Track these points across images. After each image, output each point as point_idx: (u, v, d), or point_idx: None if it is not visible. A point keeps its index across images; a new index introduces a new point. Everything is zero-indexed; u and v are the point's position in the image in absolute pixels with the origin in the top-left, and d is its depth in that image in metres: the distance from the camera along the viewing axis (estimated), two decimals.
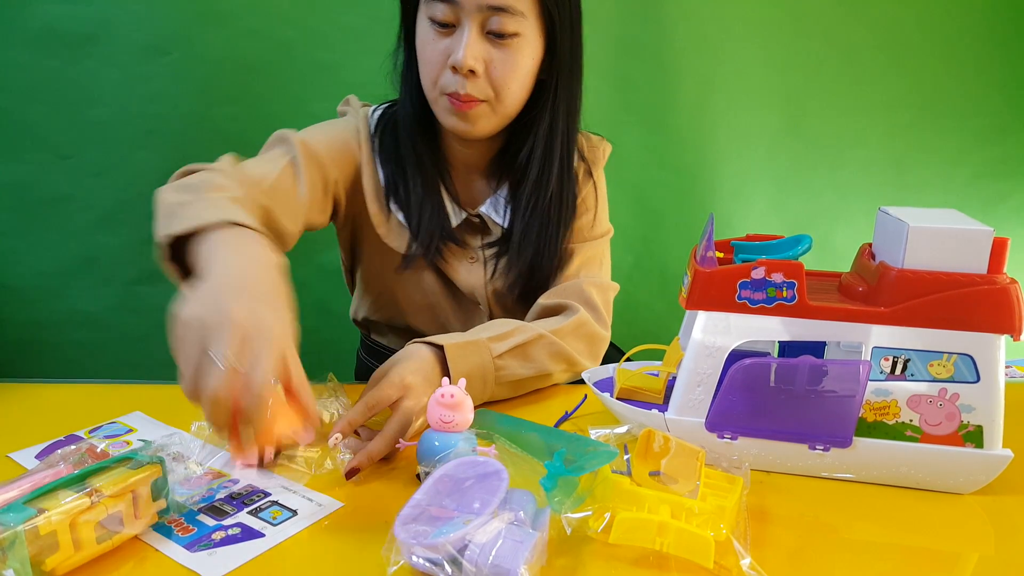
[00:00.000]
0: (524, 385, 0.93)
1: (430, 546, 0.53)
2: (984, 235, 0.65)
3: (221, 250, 0.66)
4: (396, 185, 1.02)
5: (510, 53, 0.91)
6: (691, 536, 0.57)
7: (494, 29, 0.89)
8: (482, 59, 0.90)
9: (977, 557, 0.63)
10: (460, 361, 0.85)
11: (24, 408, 0.87)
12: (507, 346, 0.90)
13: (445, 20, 0.89)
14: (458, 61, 0.88)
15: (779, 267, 0.68)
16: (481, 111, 0.93)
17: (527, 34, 0.91)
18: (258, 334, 0.59)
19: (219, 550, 0.59)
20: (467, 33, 0.88)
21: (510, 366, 0.90)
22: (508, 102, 0.94)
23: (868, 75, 1.67)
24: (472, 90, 0.90)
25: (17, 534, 0.51)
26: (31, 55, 1.38)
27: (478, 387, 0.86)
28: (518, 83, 0.93)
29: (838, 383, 0.70)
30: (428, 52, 0.92)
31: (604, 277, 1.10)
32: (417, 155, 1.01)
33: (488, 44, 0.90)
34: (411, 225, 1.02)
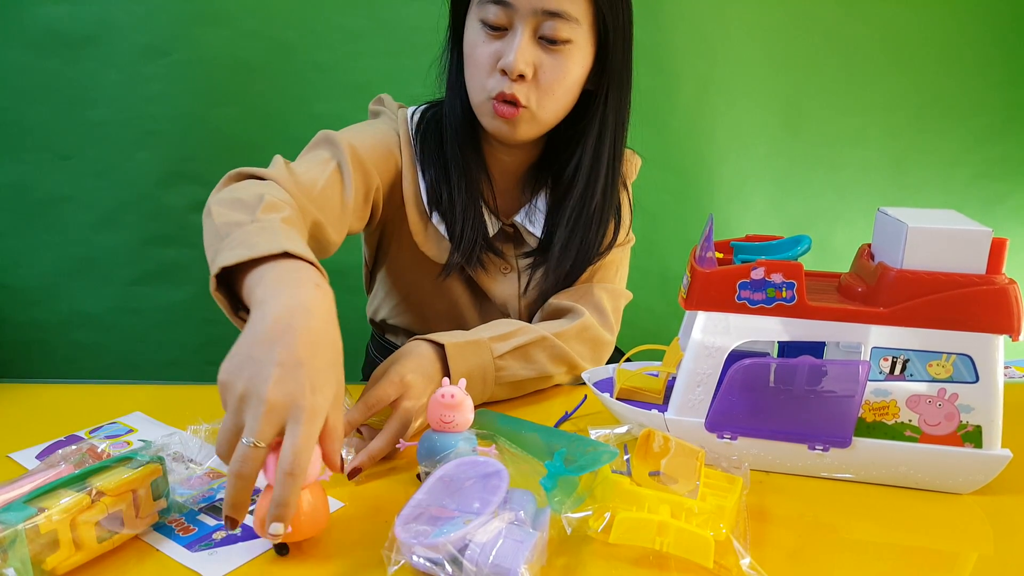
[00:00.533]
0: (524, 386, 0.93)
1: (431, 546, 0.53)
2: (983, 235, 0.65)
3: (270, 290, 0.62)
4: (439, 191, 0.99)
5: (561, 60, 0.89)
6: (691, 536, 0.57)
7: (547, 35, 0.88)
8: (532, 63, 0.88)
9: (976, 557, 0.63)
10: (460, 360, 0.85)
11: (24, 408, 0.87)
12: (508, 347, 0.90)
13: (497, 23, 0.88)
14: (508, 64, 0.87)
15: (778, 268, 0.68)
16: (523, 117, 0.92)
17: (579, 41, 0.90)
18: (293, 413, 0.56)
19: (220, 550, 0.60)
20: (520, 36, 0.87)
21: (511, 367, 0.90)
22: (551, 108, 0.93)
23: (867, 76, 1.68)
24: (518, 92, 0.89)
25: (18, 533, 0.51)
26: (31, 56, 1.38)
27: (478, 387, 0.86)
28: (564, 90, 0.92)
29: (837, 383, 0.70)
30: (478, 54, 0.91)
31: (619, 284, 1.10)
32: (464, 160, 0.99)
33: (539, 49, 0.89)
34: (453, 233, 1.00)
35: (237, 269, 0.66)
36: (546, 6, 0.86)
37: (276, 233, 0.68)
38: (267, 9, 1.45)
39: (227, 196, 0.77)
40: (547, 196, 1.04)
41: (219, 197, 0.77)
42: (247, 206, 0.74)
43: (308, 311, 0.60)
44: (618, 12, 0.92)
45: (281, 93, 1.49)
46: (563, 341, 0.95)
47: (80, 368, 1.53)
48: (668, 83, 1.64)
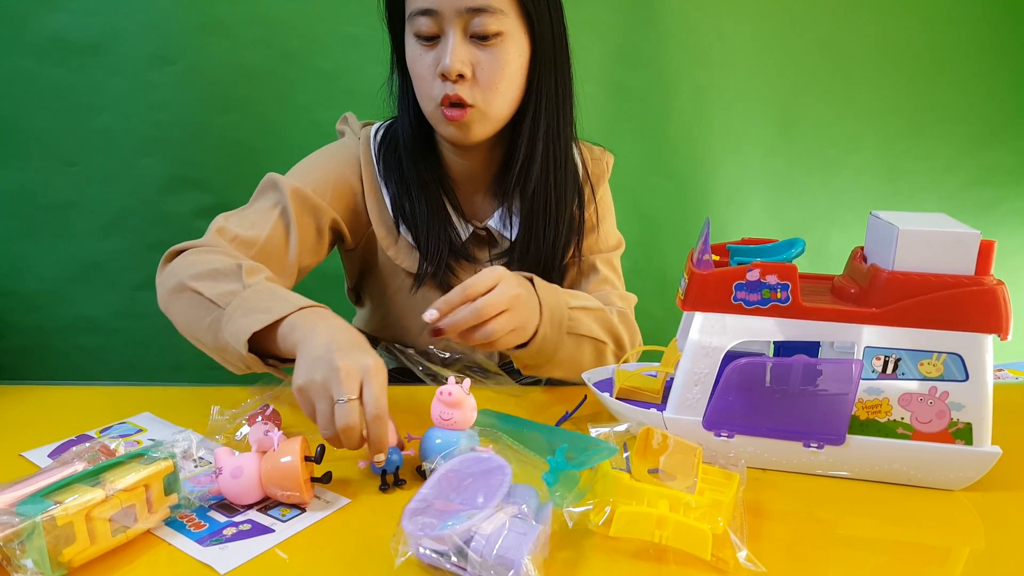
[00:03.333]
0: (582, 349, 0.96)
1: (437, 537, 0.55)
2: (971, 238, 0.67)
3: (307, 329, 0.76)
4: (402, 204, 1.02)
5: (496, 53, 0.91)
6: (689, 529, 0.58)
7: (477, 31, 0.90)
8: (469, 62, 0.91)
9: (967, 551, 0.65)
10: (548, 295, 0.90)
11: (35, 409, 0.88)
12: (578, 303, 0.95)
13: (429, 33, 0.91)
14: (446, 67, 0.89)
15: (773, 269, 0.70)
16: (473, 117, 0.94)
17: (510, 32, 0.92)
18: (364, 372, 0.70)
19: (230, 545, 0.61)
20: (451, 39, 0.90)
21: (581, 319, 0.94)
22: (498, 103, 0.94)
23: (861, 83, 1.70)
24: (462, 92, 0.91)
25: (36, 525, 0.53)
26: (38, 64, 1.40)
27: (557, 329, 0.91)
28: (507, 82, 0.94)
29: (831, 382, 0.72)
30: (418, 67, 0.93)
31: (622, 288, 1.13)
32: (419, 173, 1.02)
33: (473, 47, 0.91)
34: (419, 243, 1.02)
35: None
36: (469, 3, 0.88)
37: (277, 294, 0.82)
38: (271, 18, 1.46)
39: (200, 270, 0.85)
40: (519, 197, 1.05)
41: (189, 274, 0.85)
42: (230, 275, 0.84)
43: (344, 329, 0.76)
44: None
45: (284, 100, 1.50)
46: (614, 321, 1.00)
47: (85, 373, 1.54)
48: (664, 90, 1.65)
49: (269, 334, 0.79)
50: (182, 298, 0.85)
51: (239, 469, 0.66)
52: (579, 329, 0.94)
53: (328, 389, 0.69)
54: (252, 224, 0.94)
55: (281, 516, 0.65)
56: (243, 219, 0.96)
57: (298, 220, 0.96)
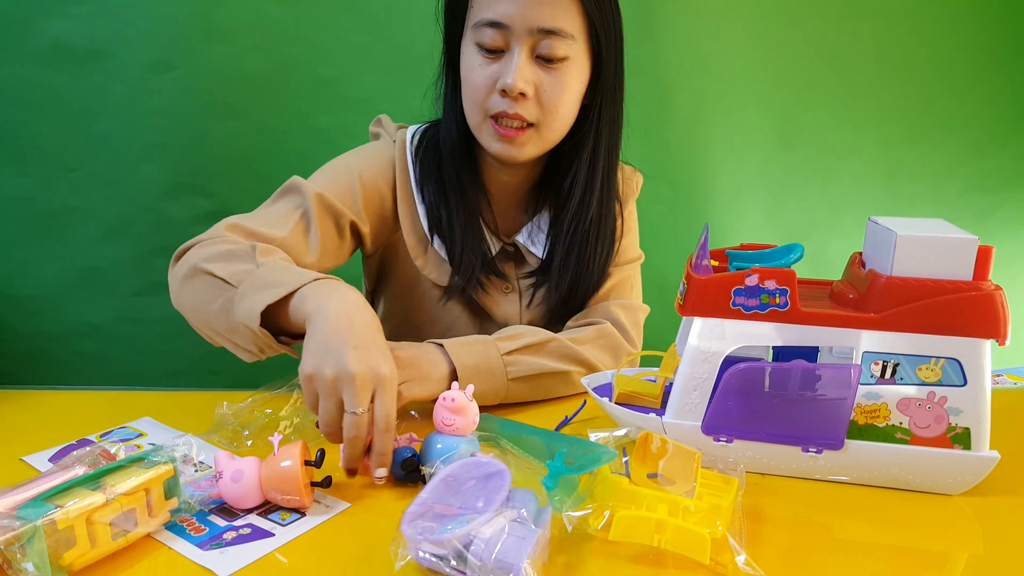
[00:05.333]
0: (542, 384, 0.93)
1: (436, 541, 0.55)
2: (969, 243, 0.68)
3: (320, 300, 0.74)
4: (439, 214, 1.00)
5: (560, 77, 0.90)
6: (688, 533, 0.58)
7: (544, 53, 0.89)
8: (532, 83, 0.89)
9: (966, 556, 0.65)
10: (463, 354, 0.88)
11: (36, 414, 0.88)
12: (516, 345, 0.92)
13: (494, 46, 0.89)
14: (508, 85, 0.88)
15: (772, 274, 0.70)
16: (528, 136, 0.93)
17: (576, 57, 0.91)
18: (378, 383, 0.69)
19: (230, 549, 0.61)
20: (517, 57, 0.88)
21: (521, 362, 0.91)
22: (556, 126, 0.94)
23: (860, 89, 1.70)
24: (522, 111, 0.90)
25: (36, 528, 0.53)
26: (39, 70, 1.40)
27: (487, 382, 0.88)
28: (567, 107, 0.93)
29: (830, 387, 0.72)
30: (476, 77, 0.91)
31: (634, 299, 1.12)
32: (460, 183, 1.00)
33: (537, 68, 0.90)
34: (453, 255, 1.01)
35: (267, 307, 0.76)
36: (542, 24, 0.87)
37: (291, 269, 0.80)
38: (271, 25, 1.47)
39: (213, 253, 0.83)
40: (549, 214, 1.05)
41: (201, 257, 0.83)
42: (244, 256, 0.83)
43: (359, 306, 0.74)
44: (610, 26, 0.93)
45: (285, 107, 1.51)
46: (579, 344, 0.96)
47: (85, 378, 1.54)
48: (664, 97, 1.66)
49: (281, 311, 0.77)
50: (195, 282, 0.83)
51: (239, 473, 0.66)
52: (524, 372, 0.91)
53: (338, 391, 0.69)
54: (272, 223, 0.92)
55: (281, 520, 0.66)
56: (262, 218, 0.93)
57: (320, 224, 0.94)
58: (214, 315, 0.81)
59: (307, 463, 0.66)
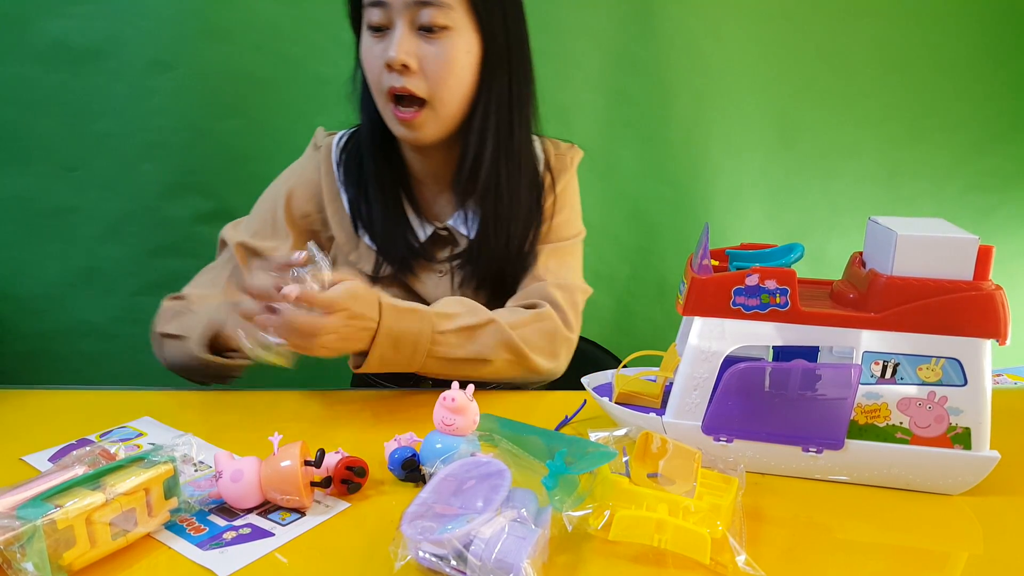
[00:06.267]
0: (459, 366, 0.92)
1: (436, 541, 0.55)
2: (970, 243, 0.68)
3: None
4: (359, 208, 1.03)
5: (443, 47, 0.92)
6: (688, 533, 0.58)
7: (424, 23, 0.90)
8: (415, 54, 0.91)
9: (966, 556, 0.65)
10: (394, 321, 0.87)
11: (35, 413, 0.88)
12: (453, 325, 0.91)
13: (380, 24, 0.92)
14: (390, 57, 0.90)
15: (772, 274, 0.70)
16: (424, 117, 0.94)
17: (458, 27, 0.92)
18: None
19: (230, 549, 0.61)
20: (398, 30, 0.90)
21: (449, 343, 0.91)
22: (448, 100, 0.95)
23: (860, 89, 1.70)
24: (410, 85, 0.91)
25: (36, 528, 0.53)
26: (38, 68, 1.40)
27: (407, 353, 0.88)
28: (455, 78, 0.94)
29: (830, 387, 0.72)
30: (368, 58, 0.94)
31: (572, 278, 1.08)
32: (378, 173, 1.02)
33: (420, 40, 0.92)
34: (378, 245, 1.03)
35: None
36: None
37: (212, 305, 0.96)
38: (270, 24, 1.47)
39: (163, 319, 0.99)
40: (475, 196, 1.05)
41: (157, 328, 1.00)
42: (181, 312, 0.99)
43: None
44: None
45: (285, 106, 1.51)
46: (515, 328, 0.95)
47: (84, 377, 1.54)
48: (665, 97, 1.66)
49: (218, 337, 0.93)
50: (165, 347, 0.98)
51: (239, 473, 0.66)
52: (449, 353, 0.91)
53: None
54: (208, 282, 1.04)
55: (281, 520, 0.66)
56: (201, 279, 1.05)
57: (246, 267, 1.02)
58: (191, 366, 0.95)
59: (307, 463, 0.66)
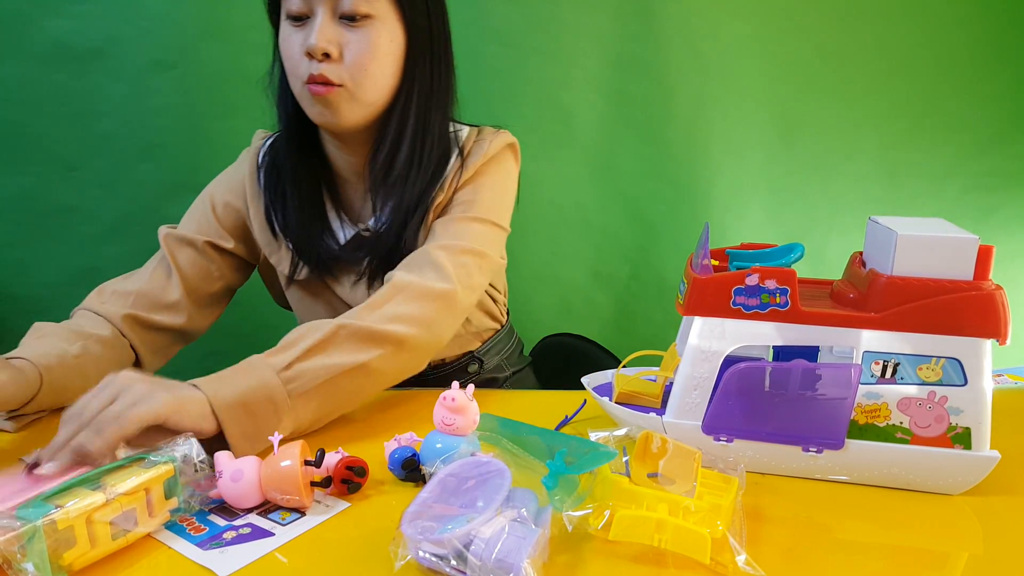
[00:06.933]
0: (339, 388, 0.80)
1: (437, 541, 0.55)
2: (970, 243, 0.68)
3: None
4: (274, 211, 1.03)
5: (365, 34, 0.91)
6: (688, 533, 0.58)
7: (346, 11, 0.90)
8: (336, 42, 0.90)
9: (966, 556, 0.65)
10: (220, 387, 0.74)
11: None
12: (293, 354, 0.78)
13: (299, 12, 0.91)
14: (311, 45, 0.89)
15: (772, 274, 0.70)
16: (341, 96, 0.92)
17: (381, 16, 0.91)
18: None
19: (230, 548, 0.61)
20: (319, 17, 0.90)
21: (304, 372, 0.77)
22: (368, 86, 0.93)
23: (860, 89, 1.70)
24: (328, 73, 0.90)
25: (36, 528, 0.53)
26: (39, 69, 1.40)
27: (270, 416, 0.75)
28: (377, 65, 0.93)
29: (830, 387, 0.72)
30: (287, 47, 0.93)
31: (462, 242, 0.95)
32: (296, 173, 1.02)
33: (342, 28, 0.91)
34: (294, 247, 1.03)
35: None
36: None
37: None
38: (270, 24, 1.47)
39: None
40: None
41: None
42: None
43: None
44: None
45: None
46: (371, 312, 0.84)
47: None
48: (665, 97, 1.66)
49: None
50: None
51: (239, 473, 0.66)
52: (313, 383, 0.78)
53: None
54: (131, 277, 1.02)
55: (281, 520, 0.66)
56: (128, 275, 1.03)
57: (176, 260, 1.02)
58: None
59: (307, 463, 0.66)
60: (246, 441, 0.73)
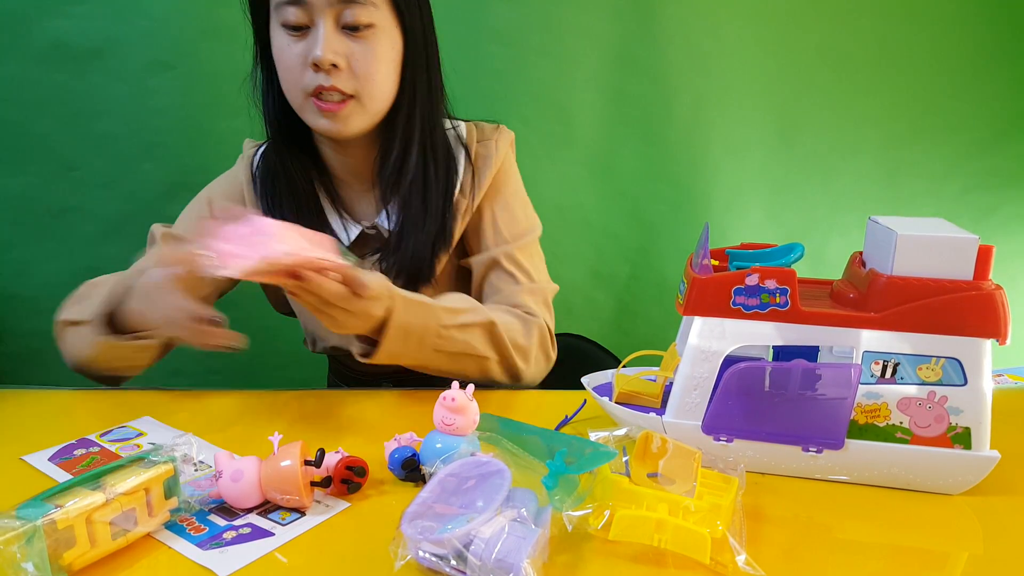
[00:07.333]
0: (453, 361, 0.94)
1: (436, 541, 0.55)
2: (970, 243, 0.67)
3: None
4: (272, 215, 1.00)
5: (369, 44, 0.91)
6: (688, 533, 0.58)
7: (349, 22, 0.90)
8: (342, 53, 0.90)
9: (966, 556, 0.65)
10: (405, 313, 0.87)
11: (36, 413, 0.89)
12: (457, 321, 0.92)
13: (299, 23, 0.90)
14: (318, 57, 0.89)
15: (772, 274, 0.70)
16: (351, 108, 0.93)
17: (383, 24, 0.92)
18: None
19: (230, 548, 0.61)
20: (323, 29, 0.89)
21: (455, 337, 0.91)
22: (376, 95, 0.94)
23: (860, 89, 1.70)
24: (337, 83, 0.90)
25: (36, 528, 0.53)
26: (40, 69, 1.40)
27: (413, 346, 0.89)
28: (382, 74, 0.94)
29: (830, 386, 0.72)
30: (286, 58, 0.92)
31: (538, 279, 1.08)
32: (289, 178, 1.01)
33: (345, 38, 0.91)
34: None
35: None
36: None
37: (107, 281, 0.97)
38: None
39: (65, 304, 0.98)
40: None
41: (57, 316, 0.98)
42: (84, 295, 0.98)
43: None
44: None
45: None
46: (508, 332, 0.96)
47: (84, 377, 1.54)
48: (664, 96, 1.66)
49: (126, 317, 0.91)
50: (65, 337, 0.95)
51: (239, 473, 0.66)
52: (451, 347, 0.92)
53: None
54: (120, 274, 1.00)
55: (281, 520, 0.66)
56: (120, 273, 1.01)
57: None
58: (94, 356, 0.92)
59: (307, 463, 0.66)
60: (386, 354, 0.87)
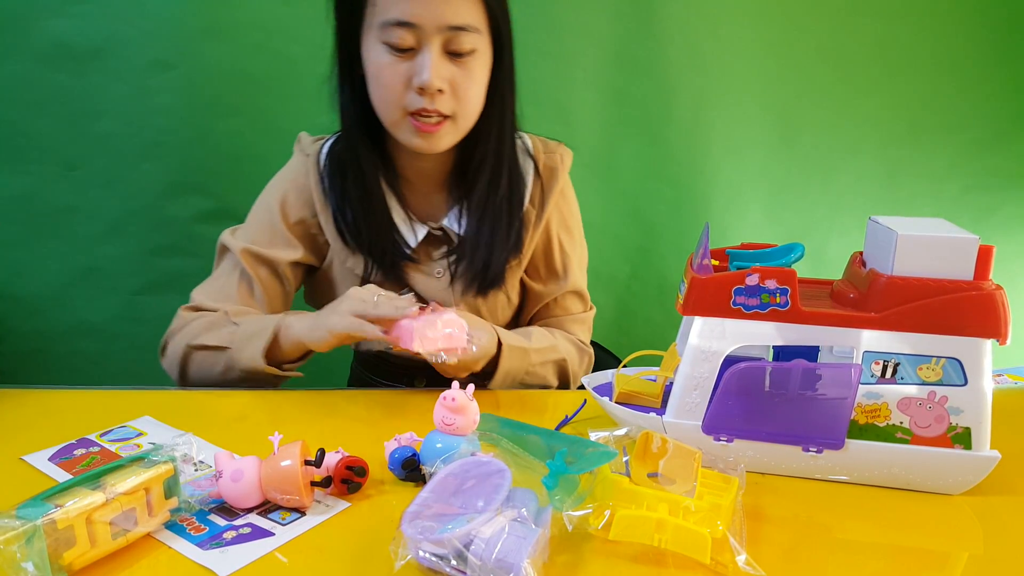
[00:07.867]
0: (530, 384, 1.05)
1: (437, 541, 0.55)
2: (970, 243, 0.68)
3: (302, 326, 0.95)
4: (344, 218, 1.04)
5: (470, 69, 0.94)
6: (688, 533, 0.58)
7: (453, 49, 0.92)
8: (448, 79, 0.92)
9: (966, 556, 0.65)
10: (508, 361, 0.99)
11: (36, 413, 0.88)
12: (542, 359, 1.04)
13: (405, 45, 0.91)
14: (426, 82, 0.91)
15: (772, 274, 0.70)
16: (446, 128, 0.96)
17: (482, 49, 0.94)
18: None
19: (230, 548, 0.61)
20: (431, 55, 0.91)
21: (538, 372, 1.03)
22: (470, 114, 0.97)
23: (860, 88, 1.70)
24: (439, 106, 0.93)
25: (36, 528, 0.53)
26: (39, 69, 1.40)
27: (508, 384, 1.01)
28: (477, 96, 0.97)
29: (830, 386, 0.72)
30: (387, 76, 0.93)
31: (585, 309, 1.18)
32: (365, 181, 1.03)
33: (450, 63, 0.93)
34: (364, 252, 1.04)
35: None
36: (452, 22, 0.90)
37: (263, 318, 0.98)
38: (272, 23, 1.47)
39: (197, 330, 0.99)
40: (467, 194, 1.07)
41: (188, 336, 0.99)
42: (221, 323, 0.99)
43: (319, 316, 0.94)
44: (506, 13, 0.97)
45: (285, 105, 1.50)
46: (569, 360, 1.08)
47: (84, 377, 1.54)
48: (665, 97, 1.66)
49: (274, 349, 0.95)
50: (194, 359, 0.98)
51: (239, 473, 0.66)
52: (532, 380, 1.03)
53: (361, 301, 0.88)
54: (222, 296, 1.04)
55: (281, 520, 0.66)
56: (214, 292, 1.04)
57: (256, 276, 1.04)
58: (220, 376, 0.97)
59: (307, 463, 0.66)
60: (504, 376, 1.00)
